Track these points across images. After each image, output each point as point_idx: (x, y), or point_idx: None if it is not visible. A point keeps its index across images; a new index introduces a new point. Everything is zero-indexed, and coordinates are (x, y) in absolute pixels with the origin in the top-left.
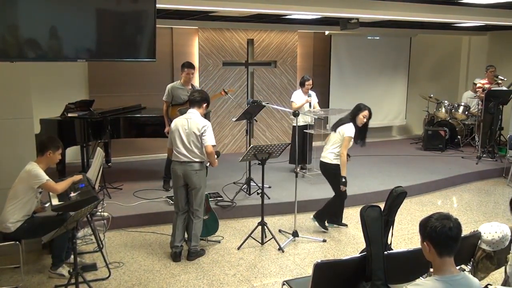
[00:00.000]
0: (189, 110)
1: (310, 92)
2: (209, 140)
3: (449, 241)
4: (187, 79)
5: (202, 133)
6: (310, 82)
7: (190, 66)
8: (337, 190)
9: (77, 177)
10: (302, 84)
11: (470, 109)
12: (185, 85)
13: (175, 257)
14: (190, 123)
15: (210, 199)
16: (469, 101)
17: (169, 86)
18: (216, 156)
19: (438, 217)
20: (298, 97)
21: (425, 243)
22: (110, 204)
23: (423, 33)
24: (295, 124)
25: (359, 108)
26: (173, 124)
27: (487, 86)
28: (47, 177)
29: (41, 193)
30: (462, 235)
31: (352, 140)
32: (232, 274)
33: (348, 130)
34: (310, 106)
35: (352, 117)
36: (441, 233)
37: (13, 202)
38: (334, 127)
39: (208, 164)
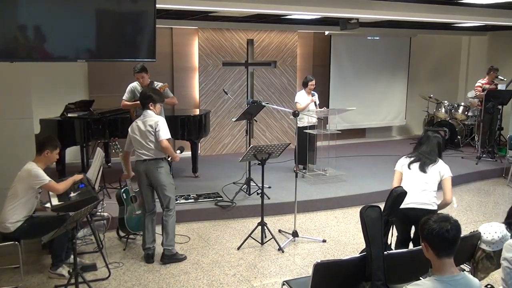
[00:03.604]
0: (143, 113)
1: (313, 92)
2: (163, 134)
3: (446, 243)
4: (141, 83)
5: (156, 128)
6: (313, 82)
7: (141, 70)
8: None
9: (78, 176)
10: (305, 85)
11: (469, 112)
12: (143, 86)
13: (148, 258)
14: (144, 123)
15: (210, 199)
16: (469, 102)
17: (131, 85)
18: (179, 151)
19: (437, 219)
20: (303, 98)
21: (423, 243)
22: (110, 204)
23: (423, 33)
24: (300, 125)
25: None
26: (130, 128)
27: (486, 86)
28: (48, 178)
29: (40, 193)
30: (462, 235)
31: None
32: (232, 274)
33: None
34: (315, 105)
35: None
36: (438, 236)
37: (13, 202)
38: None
39: (170, 159)
